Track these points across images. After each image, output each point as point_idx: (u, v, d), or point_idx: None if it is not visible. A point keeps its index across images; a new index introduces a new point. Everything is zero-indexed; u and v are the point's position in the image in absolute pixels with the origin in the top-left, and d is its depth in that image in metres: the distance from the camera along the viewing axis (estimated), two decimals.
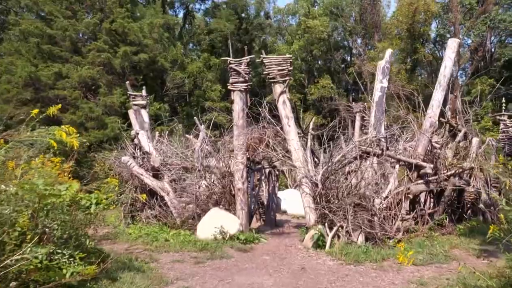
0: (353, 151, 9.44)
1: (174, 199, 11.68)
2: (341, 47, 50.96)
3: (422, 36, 40.64)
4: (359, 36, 46.49)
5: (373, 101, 10.51)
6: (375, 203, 9.25)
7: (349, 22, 47.04)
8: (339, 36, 50.10)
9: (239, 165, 10.43)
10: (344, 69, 47.75)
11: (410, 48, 40.91)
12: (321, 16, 42.50)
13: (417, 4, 36.96)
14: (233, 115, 10.45)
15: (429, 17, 38.35)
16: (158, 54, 31.13)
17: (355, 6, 45.57)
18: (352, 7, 46.24)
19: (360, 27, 45.18)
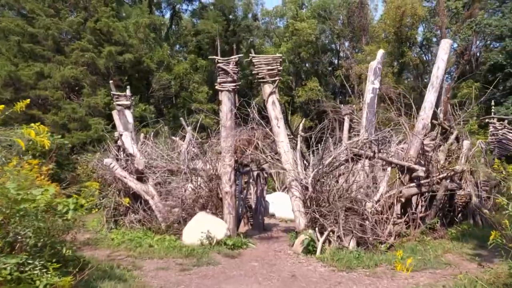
0: (344, 154, 9.16)
1: (159, 203, 11.27)
2: (329, 50, 51.02)
3: (409, 40, 40.81)
4: (347, 39, 46.57)
5: (364, 103, 10.24)
6: (367, 206, 8.97)
7: (336, 25, 47.10)
8: (326, 39, 50.11)
9: (227, 168, 10.08)
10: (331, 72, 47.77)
11: (397, 52, 41.05)
12: (309, 19, 42.45)
13: (405, 8, 37.07)
14: (220, 116, 10.10)
15: (416, 21, 38.51)
16: (143, 55, 30.61)
17: (343, 9, 45.59)
18: (340, 10, 46.26)
19: (347, 30, 45.24)
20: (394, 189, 9.51)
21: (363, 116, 10.15)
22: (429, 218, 10.19)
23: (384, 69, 41.38)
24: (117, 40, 26.67)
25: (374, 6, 52.03)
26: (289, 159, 9.60)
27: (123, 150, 12.21)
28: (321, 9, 46.61)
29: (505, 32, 32.36)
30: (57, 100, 23.32)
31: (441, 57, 10.00)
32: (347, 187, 8.69)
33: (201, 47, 42.54)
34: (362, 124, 10.11)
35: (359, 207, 8.67)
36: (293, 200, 9.69)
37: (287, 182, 9.77)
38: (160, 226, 11.24)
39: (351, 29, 45.16)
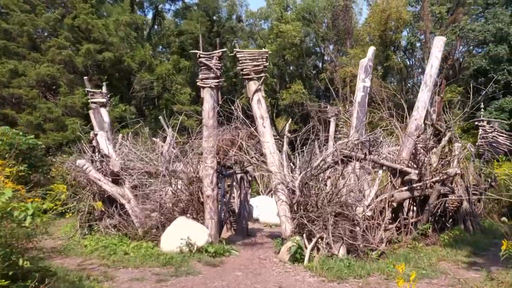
0: (334, 155, 8.62)
1: (136, 207, 10.55)
2: (313, 53, 50.91)
3: (394, 43, 40.83)
4: (331, 42, 46.39)
5: (355, 102, 9.72)
6: (357, 211, 8.43)
7: (321, 28, 46.92)
8: (311, 42, 49.94)
9: (209, 170, 9.44)
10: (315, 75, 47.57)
11: (382, 55, 41.00)
12: (294, 21, 42.10)
13: (390, 11, 37.03)
14: (202, 115, 9.46)
15: (401, 25, 38.49)
16: (124, 54, 29.77)
17: (328, 12, 45.44)
18: (325, 13, 46.10)
19: (332, 33, 45.08)
20: (385, 193, 8.99)
21: (353, 116, 9.62)
22: (421, 224, 9.72)
23: None
24: (96, 38, 25.80)
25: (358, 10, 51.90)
26: (275, 161, 9.01)
27: (98, 150, 11.45)
28: (305, 11, 46.40)
29: (489, 37, 32.46)
30: (32, 99, 22.35)
31: (434, 54, 9.56)
32: (337, 191, 8.14)
33: (184, 48, 41.73)
34: (352, 124, 9.58)
35: (349, 212, 8.13)
36: (279, 204, 9.10)
37: (273, 185, 9.17)
38: (137, 232, 10.53)
39: (335, 32, 45.02)
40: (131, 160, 10.82)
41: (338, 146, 8.56)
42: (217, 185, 9.77)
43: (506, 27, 30.77)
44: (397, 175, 8.98)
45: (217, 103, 9.32)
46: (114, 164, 10.36)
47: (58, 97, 23.85)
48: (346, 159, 8.45)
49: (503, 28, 30.81)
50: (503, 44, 31.23)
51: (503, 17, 31.48)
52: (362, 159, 8.43)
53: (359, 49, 41.80)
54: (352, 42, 44.76)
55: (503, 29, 30.73)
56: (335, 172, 8.31)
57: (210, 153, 9.31)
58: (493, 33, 31.88)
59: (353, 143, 8.74)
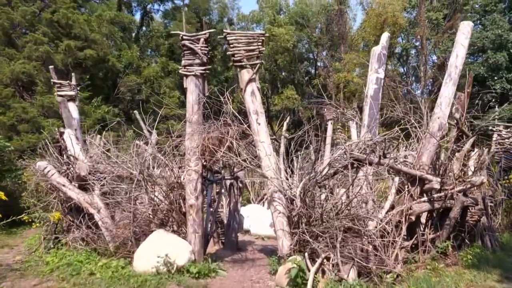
0: (343, 158, 7.18)
1: (106, 218, 8.99)
2: (306, 59, 49.95)
3: (390, 49, 39.80)
4: (325, 47, 45.32)
5: (367, 96, 8.27)
6: (370, 226, 6.98)
7: (314, 32, 45.90)
8: (303, 48, 48.94)
9: (192, 174, 7.93)
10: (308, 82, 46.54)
11: None
12: (287, 25, 40.95)
13: (386, 16, 35.98)
14: (186, 108, 7.96)
15: (397, 30, 37.44)
16: (109, 53, 28.20)
17: (322, 16, 44.41)
18: (318, 17, 45.07)
19: (326, 38, 44.05)
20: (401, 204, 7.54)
21: (365, 113, 8.16)
22: (439, 241, 8.27)
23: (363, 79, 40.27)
24: (78, 34, 24.20)
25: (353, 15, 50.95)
26: (272, 164, 7.54)
27: (66, 151, 9.89)
28: (299, 16, 45.39)
29: (487, 44, 31.58)
30: (5, 99, 20.71)
31: (460, 42, 8.20)
32: (348, 202, 6.67)
33: (174, 51, 40.29)
34: (364, 122, 8.12)
35: (361, 227, 6.66)
36: (275, 216, 7.61)
37: (268, 193, 7.68)
38: (107, 247, 8.97)
39: (329, 37, 44.01)
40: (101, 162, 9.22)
41: (347, 147, 7.11)
42: (202, 192, 8.25)
43: (506, 34, 29.89)
44: (415, 184, 7.53)
45: (203, 94, 7.85)
46: (81, 167, 8.80)
47: (34, 96, 22.17)
48: (357, 163, 7.01)
49: (502, 34, 29.93)
50: (502, 51, 30.37)
51: (503, 24, 30.63)
52: (375, 163, 6.99)
53: (353, 54, 40.84)
54: (346, 47, 43.78)
55: (503, 35, 29.85)
56: (344, 178, 6.83)
57: (194, 154, 7.80)
58: (492, 39, 31.02)
59: (365, 144, 7.29)
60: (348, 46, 43.95)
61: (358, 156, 6.99)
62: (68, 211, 10.08)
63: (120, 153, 9.38)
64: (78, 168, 8.84)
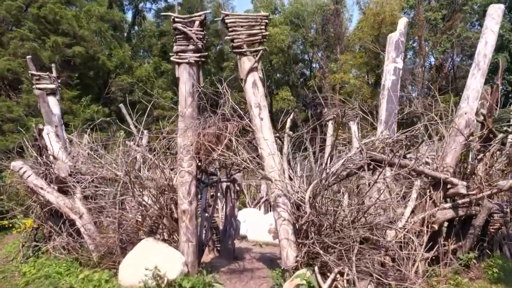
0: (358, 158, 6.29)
1: (89, 224, 8.06)
2: (301, 60, 49.30)
3: None
4: (321, 48, 44.60)
5: (383, 88, 7.37)
6: (389, 236, 6.12)
7: (310, 33, 45.21)
8: (298, 49, 48.28)
9: (185, 176, 7.02)
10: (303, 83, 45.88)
11: (374, 62, 39.32)
12: (282, 25, 40.18)
13: (384, 15, 35.27)
14: (178, 101, 7.06)
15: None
16: (99, 51, 27.22)
17: (317, 16, 43.70)
18: (314, 17, 44.35)
19: (321, 39, 43.34)
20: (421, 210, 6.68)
21: (381, 107, 7.26)
22: (461, 252, 7.42)
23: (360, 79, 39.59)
24: (66, 30, 23.19)
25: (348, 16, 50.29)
26: (276, 164, 6.65)
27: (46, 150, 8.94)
28: (294, 16, 44.70)
29: None
30: None
31: (489, 27, 7.34)
32: (366, 208, 5.77)
33: (166, 51, 39.37)
34: (381, 117, 7.22)
35: (380, 237, 5.79)
36: (280, 223, 6.71)
37: (272, 197, 6.79)
38: (90, 257, 8.04)
39: (325, 38, 43.31)
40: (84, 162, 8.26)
41: (363, 145, 6.23)
42: (196, 196, 7.33)
43: (507, 34, 29.35)
44: (439, 188, 6.66)
45: (198, 85, 6.95)
46: (60, 168, 7.86)
47: (20, 95, 21.18)
48: (374, 163, 6.14)
49: (504, 35, 29.38)
50: (503, 52, 29.81)
51: (504, 23, 30.07)
52: (395, 164, 6.12)
53: (349, 55, 40.14)
54: (342, 48, 43.12)
55: (504, 36, 29.29)
56: (358, 181, 5.93)
57: (187, 153, 6.90)
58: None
59: (383, 143, 6.42)
60: (344, 46, 43.31)
61: (376, 156, 6.12)
62: (48, 217, 9.16)
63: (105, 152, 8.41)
64: (57, 168, 7.91)
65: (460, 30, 33.82)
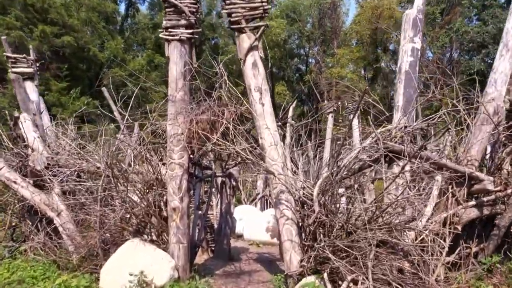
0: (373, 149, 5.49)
1: (69, 223, 7.23)
2: (296, 55, 48.63)
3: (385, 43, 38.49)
4: (317, 42, 43.88)
5: (399, 72, 6.53)
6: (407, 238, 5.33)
7: (306, 27, 44.50)
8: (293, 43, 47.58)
9: (176, 169, 6.20)
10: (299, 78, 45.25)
11: (372, 56, 38.66)
12: (278, 18, 39.41)
13: (382, 9, 34.55)
14: (168, 83, 6.24)
15: (393, 24, 36.00)
16: (90, 42, 26.28)
17: (314, 10, 42.95)
18: (310, 11, 43.60)
19: (318, 33, 42.63)
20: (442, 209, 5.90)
21: (398, 92, 6.41)
22: (483, 255, 6.67)
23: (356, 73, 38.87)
24: (54, 19, 22.25)
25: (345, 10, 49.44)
26: (279, 157, 5.86)
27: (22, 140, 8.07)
28: (290, 10, 43.97)
29: (487, 40, 30.40)
30: None
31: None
32: (386, 206, 4.96)
33: (160, 45, 38.39)
34: (398, 104, 6.38)
35: (399, 240, 5.01)
36: (282, 223, 5.92)
37: (274, 194, 5.99)
38: (70, 259, 7.21)
39: (322, 32, 42.58)
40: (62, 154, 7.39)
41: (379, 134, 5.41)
42: (188, 192, 6.52)
43: None
44: (463, 184, 5.84)
45: (191, 65, 6.13)
46: (36, 160, 7.02)
47: (6, 86, 20.26)
48: (392, 155, 5.34)
49: None
50: None
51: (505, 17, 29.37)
52: (414, 156, 5.33)
53: (347, 50, 39.43)
54: (339, 42, 42.44)
55: None
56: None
57: (178, 143, 6.08)
58: (493, 34, 29.84)
59: (401, 132, 5.61)
60: (341, 40, 42.64)
61: (394, 146, 5.33)
62: (25, 214, 8.32)
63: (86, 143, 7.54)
64: (32, 160, 7.06)
65: (459, 25, 33.16)
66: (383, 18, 35.05)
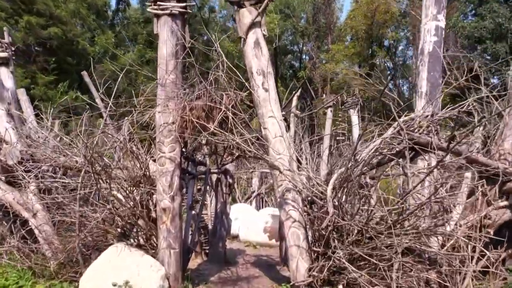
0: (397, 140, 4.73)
1: (45, 225, 6.43)
2: (290, 51, 48.04)
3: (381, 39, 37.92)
4: (311, 38, 43.27)
5: (422, 53, 5.75)
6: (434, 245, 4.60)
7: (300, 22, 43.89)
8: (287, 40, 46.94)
9: (166, 164, 5.43)
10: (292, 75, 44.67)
11: (367, 52, 38.08)
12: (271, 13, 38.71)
13: (378, 3, 33.90)
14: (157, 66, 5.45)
15: (389, 19, 35.37)
16: (79, 35, 25.34)
17: (308, 5, 42.33)
18: (304, 6, 42.96)
19: (312, 28, 42.01)
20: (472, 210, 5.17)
21: (421, 76, 5.63)
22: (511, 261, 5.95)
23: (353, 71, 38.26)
24: (41, 10, 21.30)
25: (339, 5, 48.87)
26: (284, 149, 5.10)
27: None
28: (283, 5, 43.35)
29: (485, 35, 29.88)
30: None
31: None
32: (415, 208, 4.17)
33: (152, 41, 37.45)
34: (421, 89, 5.61)
35: (430, 247, 4.25)
36: (288, 225, 5.16)
37: (279, 192, 5.23)
38: (47, 266, 6.41)
39: (316, 27, 41.97)
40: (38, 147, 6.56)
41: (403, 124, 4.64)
42: (180, 190, 5.74)
43: (506, 23, 28.15)
44: (495, 181, 5.09)
45: (183, 44, 5.35)
46: (8, 153, 6.19)
47: None
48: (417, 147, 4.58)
49: (503, 23, 28.19)
50: (502, 42, 28.66)
51: (503, 12, 28.87)
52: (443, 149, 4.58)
53: (341, 45, 38.82)
54: (333, 37, 41.85)
55: (503, 24, 28.10)
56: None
57: (169, 133, 5.30)
58: (491, 29, 29.30)
59: (427, 121, 4.82)
60: (335, 36, 42.07)
61: (420, 138, 4.57)
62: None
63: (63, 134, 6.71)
64: (3, 154, 6.23)
65: (455, 20, 32.65)
66: (379, 13, 34.43)
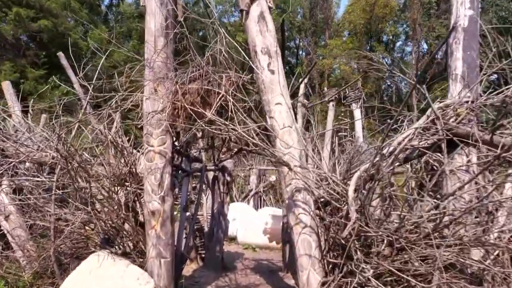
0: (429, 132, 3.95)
1: (19, 229, 5.65)
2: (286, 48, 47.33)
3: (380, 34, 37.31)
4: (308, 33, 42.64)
5: (456, 30, 4.91)
6: (475, 257, 3.86)
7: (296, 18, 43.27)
8: None
9: (155, 160, 4.66)
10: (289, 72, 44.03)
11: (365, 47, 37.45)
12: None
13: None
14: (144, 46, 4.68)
15: (388, 13, 34.71)
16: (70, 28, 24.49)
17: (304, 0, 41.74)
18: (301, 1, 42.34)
19: (309, 24, 41.40)
20: None
21: (454, 57, 4.81)
22: None
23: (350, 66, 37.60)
24: (30, 2, 20.46)
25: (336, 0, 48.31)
26: (294, 142, 4.34)
27: None
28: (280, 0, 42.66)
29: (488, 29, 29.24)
30: None
31: None
32: (461, 213, 3.38)
33: None
34: (455, 72, 4.76)
35: (476, 262, 3.49)
36: (298, 231, 4.40)
37: (287, 192, 4.47)
38: (21, 275, 5.64)
39: (313, 22, 41.36)
40: (7, 141, 5.75)
41: (438, 112, 3.85)
42: (172, 190, 4.96)
43: (510, 16, 27.53)
44: None
45: (174, 20, 4.56)
46: None
47: None
48: (456, 139, 3.79)
49: (507, 17, 27.56)
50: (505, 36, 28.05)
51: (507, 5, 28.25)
52: (486, 142, 3.80)
53: (339, 40, 38.21)
54: (331, 33, 41.23)
55: (508, 18, 27.48)
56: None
57: (158, 125, 4.53)
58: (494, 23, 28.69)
59: (467, 109, 4.03)
60: (333, 31, 41.46)
61: (458, 128, 3.80)
62: None
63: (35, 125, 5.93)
64: None
65: None
66: (378, 7, 33.80)
